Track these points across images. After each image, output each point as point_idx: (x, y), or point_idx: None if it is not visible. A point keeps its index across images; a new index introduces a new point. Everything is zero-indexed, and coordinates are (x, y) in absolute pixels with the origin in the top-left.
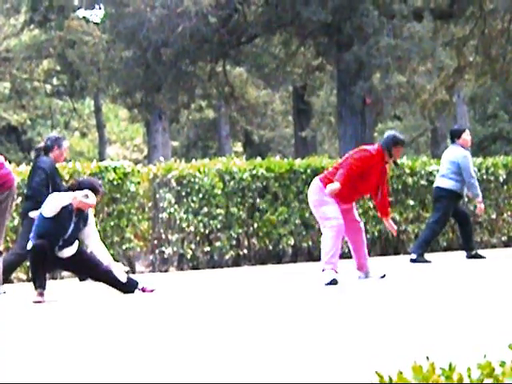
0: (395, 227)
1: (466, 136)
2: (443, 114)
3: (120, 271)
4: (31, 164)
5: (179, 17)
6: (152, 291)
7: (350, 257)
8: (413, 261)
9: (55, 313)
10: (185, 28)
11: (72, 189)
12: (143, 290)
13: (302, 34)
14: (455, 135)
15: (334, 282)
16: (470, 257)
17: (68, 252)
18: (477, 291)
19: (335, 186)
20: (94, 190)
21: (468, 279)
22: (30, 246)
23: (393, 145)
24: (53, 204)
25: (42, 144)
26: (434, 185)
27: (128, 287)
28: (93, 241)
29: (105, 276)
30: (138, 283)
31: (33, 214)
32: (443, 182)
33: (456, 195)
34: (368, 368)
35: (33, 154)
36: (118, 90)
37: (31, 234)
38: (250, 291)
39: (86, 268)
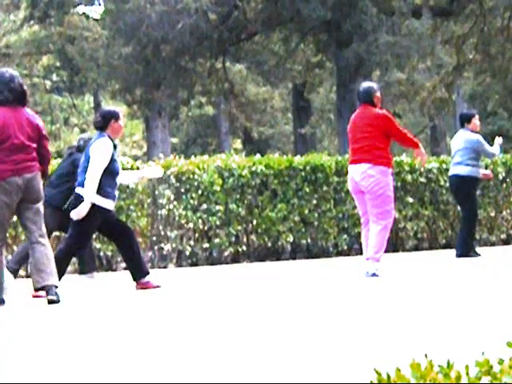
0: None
1: (476, 121)
2: (442, 112)
3: (153, 171)
4: (64, 158)
5: (179, 13)
6: (156, 287)
7: (349, 254)
8: (458, 256)
9: (54, 309)
10: (185, 25)
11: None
12: (146, 284)
13: (301, 30)
14: (465, 120)
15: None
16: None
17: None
18: (475, 289)
19: (422, 149)
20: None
21: (467, 277)
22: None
23: (374, 95)
24: (106, 150)
25: (75, 144)
26: (451, 173)
27: (136, 267)
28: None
29: (124, 237)
30: (147, 274)
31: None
32: (460, 169)
33: (475, 180)
34: (366, 365)
35: (66, 152)
36: (118, 86)
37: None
38: (248, 288)
39: (115, 225)
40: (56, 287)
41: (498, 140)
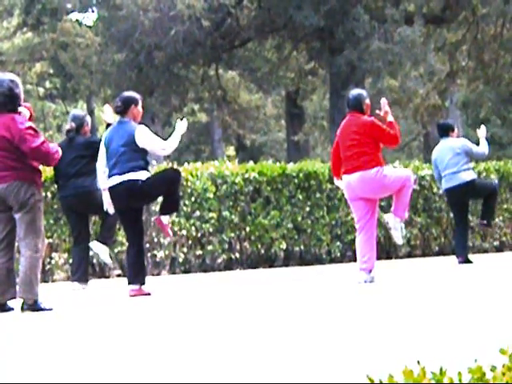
0: None
1: (457, 130)
2: (435, 119)
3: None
4: (67, 145)
5: (172, 20)
6: (147, 294)
7: (342, 261)
8: (484, 225)
9: (49, 316)
10: (178, 31)
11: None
12: (138, 291)
13: (294, 38)
14: (450, 129)
15: None
16: (482, 225)
17: None
18: (468, 296)
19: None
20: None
21: (460, 284)
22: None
23: (364, 102)
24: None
25: (73, 125)
26: (450, 184)
27: (138, 270)
28: None
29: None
30: (142, 284)
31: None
32: (461, 177)
33: (476, 180)
34: (359, 371)
35: (67, 136)
36: (111, 92)
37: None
38: (242, 294)
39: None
40: (34, 301)
41: (482, 132)
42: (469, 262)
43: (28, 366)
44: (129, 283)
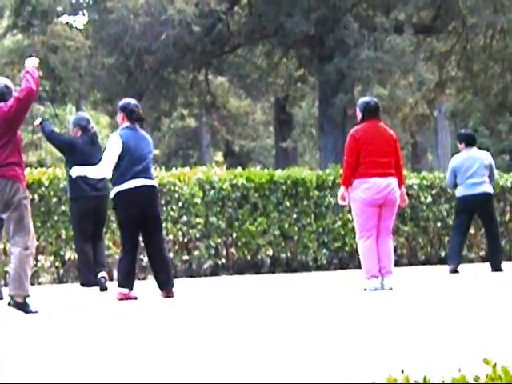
0: None
1: None
2: (424, 128)
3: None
4: (91, 142)
5: (163, 25)
6: (134, 298)
7: (328, 269)
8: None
9: (37, 318)
10: (168, 36)
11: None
12: (126, 294)
13: (284, 44)
14: (475, 140)
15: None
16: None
17: None
18: (454, 306)
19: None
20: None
21: (445, 293)
22: None
23: None
24: None
25: (93, 126)
26: (473, 192)
27: (127, 275)
28: None
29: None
30: (130, 289)
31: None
32: (488, 187)
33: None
34: (342, 380)
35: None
36: (100, 96)
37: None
38: (229, 300)
39: None
40: (24, 298)
41: None
42: (456, 271)
43: (27, 366)
44: (119, 286)
